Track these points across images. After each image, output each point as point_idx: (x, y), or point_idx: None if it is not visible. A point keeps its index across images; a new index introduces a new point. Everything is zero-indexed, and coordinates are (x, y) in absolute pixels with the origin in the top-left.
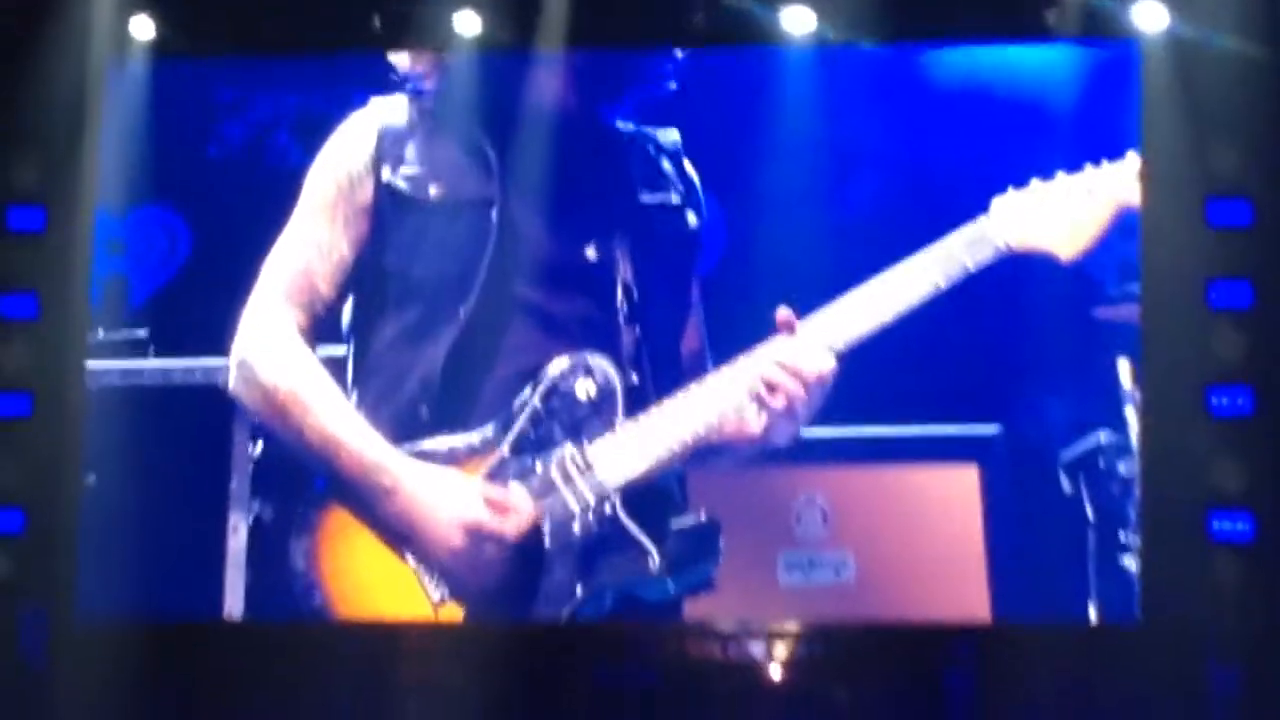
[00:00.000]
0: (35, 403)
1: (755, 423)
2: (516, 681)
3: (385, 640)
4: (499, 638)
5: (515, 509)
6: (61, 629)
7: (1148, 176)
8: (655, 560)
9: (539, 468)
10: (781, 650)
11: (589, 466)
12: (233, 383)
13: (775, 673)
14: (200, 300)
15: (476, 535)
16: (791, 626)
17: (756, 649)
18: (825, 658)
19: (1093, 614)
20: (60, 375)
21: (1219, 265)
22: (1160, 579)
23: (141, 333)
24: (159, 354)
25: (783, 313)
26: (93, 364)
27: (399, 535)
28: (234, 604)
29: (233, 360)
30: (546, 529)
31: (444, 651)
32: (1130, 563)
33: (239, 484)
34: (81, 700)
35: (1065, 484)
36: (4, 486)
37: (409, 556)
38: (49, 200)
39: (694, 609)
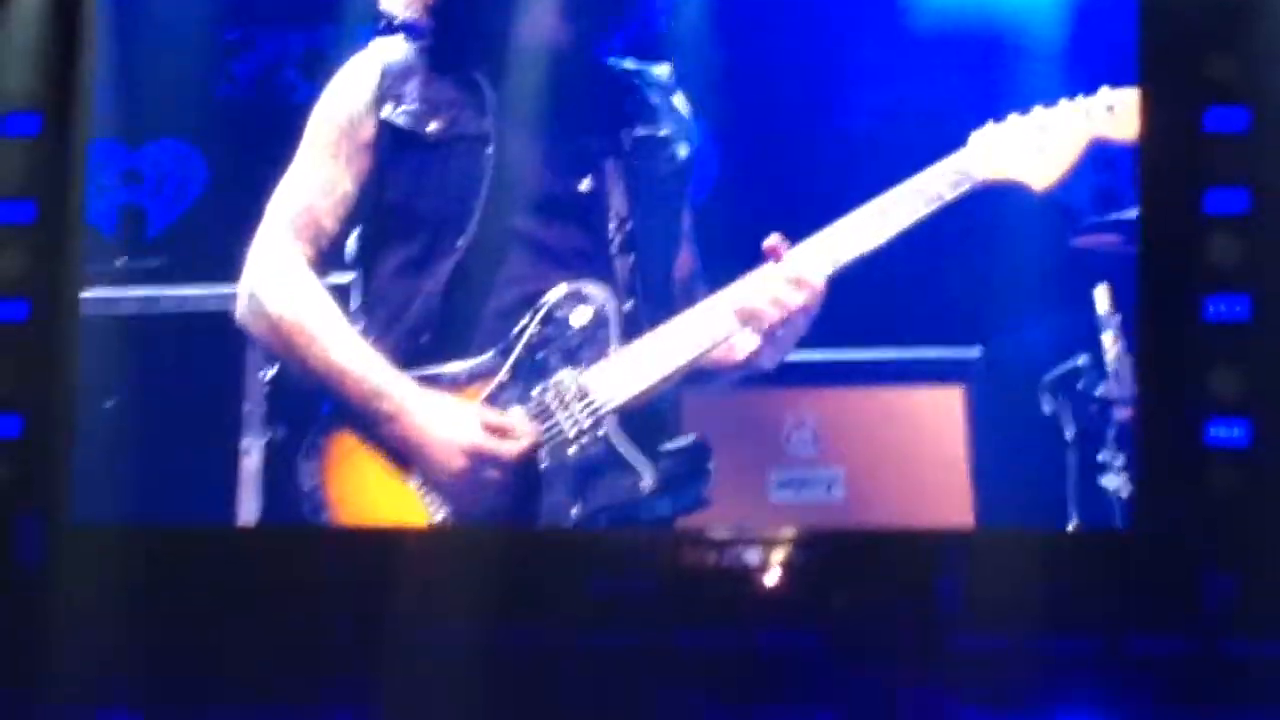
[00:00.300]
0: (32, 309)
1: (744, 347)
2: (512, 589)
3: (381, 547)
4: (495, 545)
5: (513, 433)
6: (58, 534)
7: (1145, 87)
8: (649, 481)
9: (536, 393)
10: (776, 557)
11: (584, 391)
12: (240, 314)
13: (770, 579)
14: (216, 231)
15: (476, 458)
16: (786, 533)
17: (751, 556)
18: (819, 564)
19: (1071, 528)
20: (57, 282)
21: (1215, 173)
22: (1155, 487)
23: (158, 261)
24: (176, 282)
25: (771, 240)
26: (110, 292)
27: (402, 458)
28: (245, 521)
29: (241, 293)
30: (543, 452)
31: (439, 559)
32: (1109, 481)
33: (252, 407)
34: (78, 604)
35: (1046, 404)
36: (0, 391)
37: (411, 479)
38: (46, 109)
39: (687, 526)
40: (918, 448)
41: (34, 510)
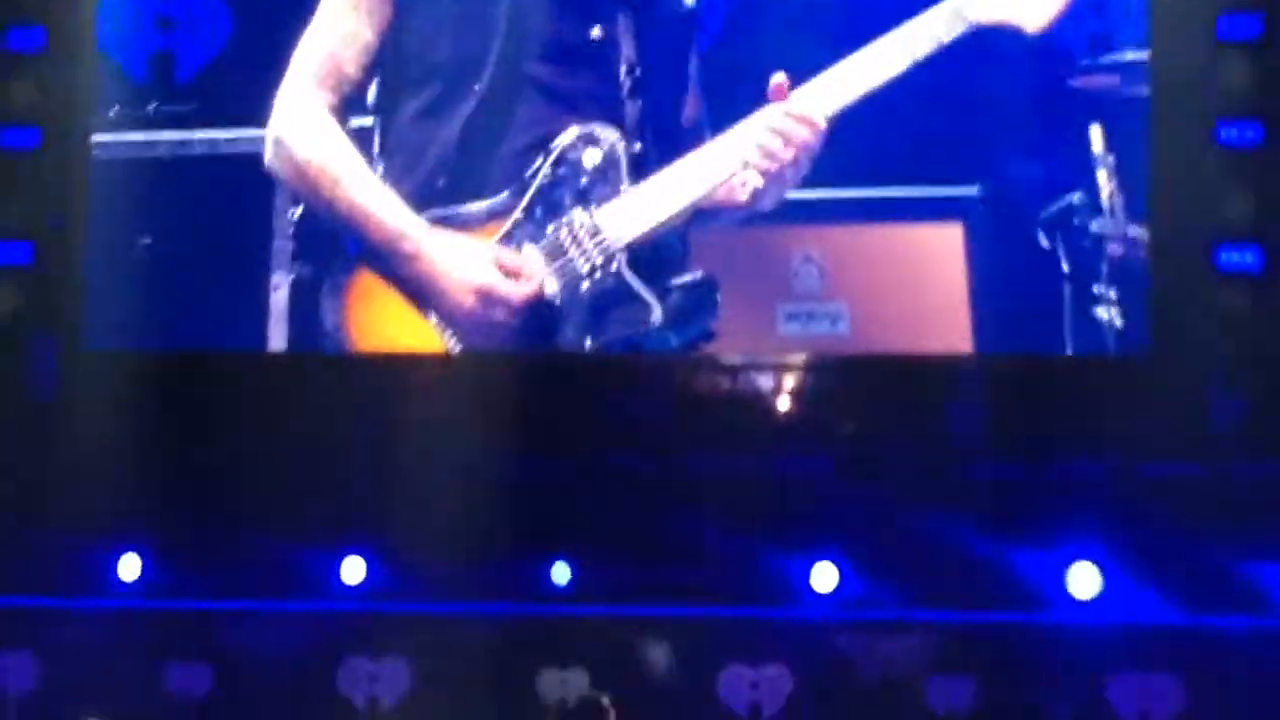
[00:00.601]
0: (44, 136)
1: (749, 186)
2: (526, 415)
3: (399, 373)
4: (510, 372)
5: (527, 273)
6: (70, 360)
7: None
8: (658, 315)
9: (550, 232)
10: (788, 383)
11: (596, 229)
12: (268, 159)
13: (782, 405)
14: (243, 78)
15: (491, 296)
16: (798, 359)
17: (763, 382)
18: (831, 390)
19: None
20: (69, 110)
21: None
22: (1167, 311)
23: (189, 106)
24: (205, 125)
25: (776, 79)
26: (142, 135)
27: (420, 296)
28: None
29: (268, 138)
30: (557, 288)
31: (455, 387)
32: (1102, 312)
33: (280, 246)
34: (89, 429)
35: (1042, 240)
36: (13, 219)
37: (430, 316)
38: None
39: (699, 352)
40: (919, 282)
41: (48, 337)
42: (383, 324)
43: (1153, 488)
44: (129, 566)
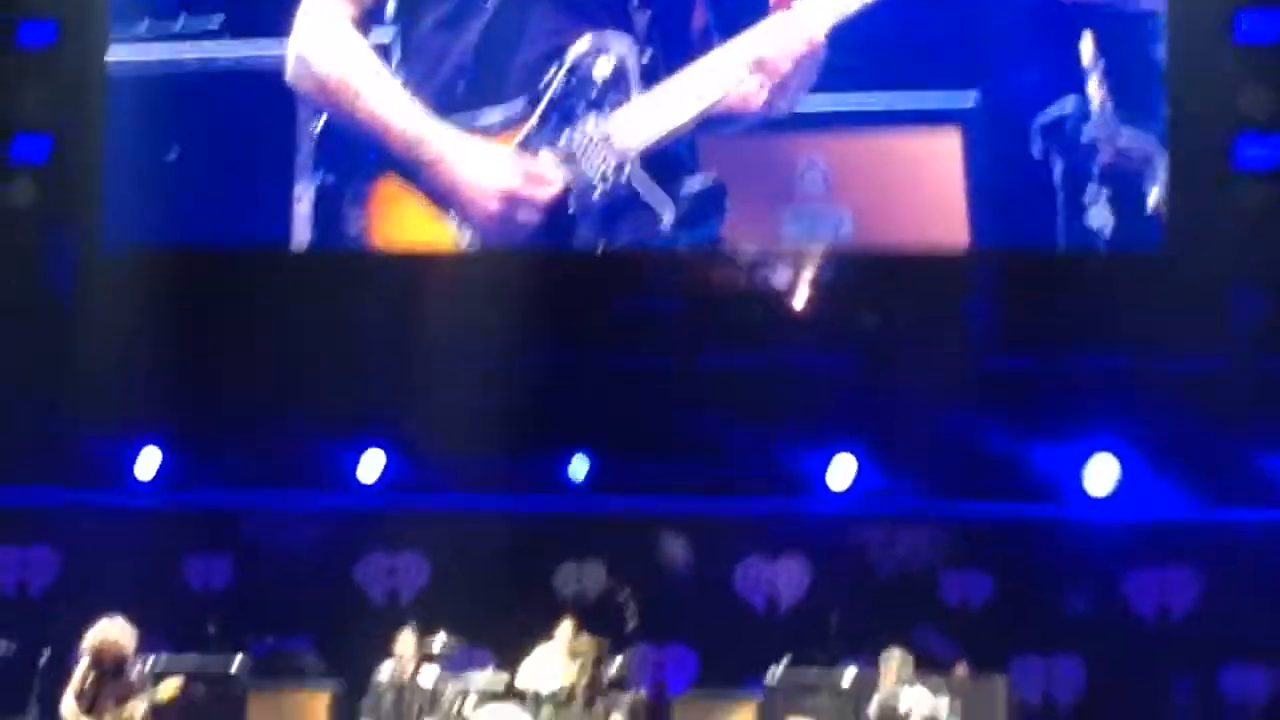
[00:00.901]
0: (61, 31)
1: (756, 93)
2: (542, 308)
3: (423, 268)
4: (525, 268)
5: (543, 178)
6: (88, 256)
7: None
8: (668, 219)
9: (564, 138)
10: (805, 277)
11: (609, 135)
12: (290, 74)
13: (799, 300)
14: None
15: (509, 200)
16: (815, 254)
17: (780, 277)
18: (849, 285)
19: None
20: (87, 5)
21: None
22: (1185, 207)
23: (216, 22)
24: (234, 38)
25: None
26: (170, 50)
27: (442, 201)
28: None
29: (289, 53)
30: (571, 193)
31: (472, 283)
32: (1093, 217)
33: (303, 155)
34: (107, 324)
35: (1035, 147)
36: (31, 114)
37: (451, 220)
38: None
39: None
40: (919, 187)
41: (65, 233)
42: (404, 229)
43: (1171, 382)
44: (149, 462)
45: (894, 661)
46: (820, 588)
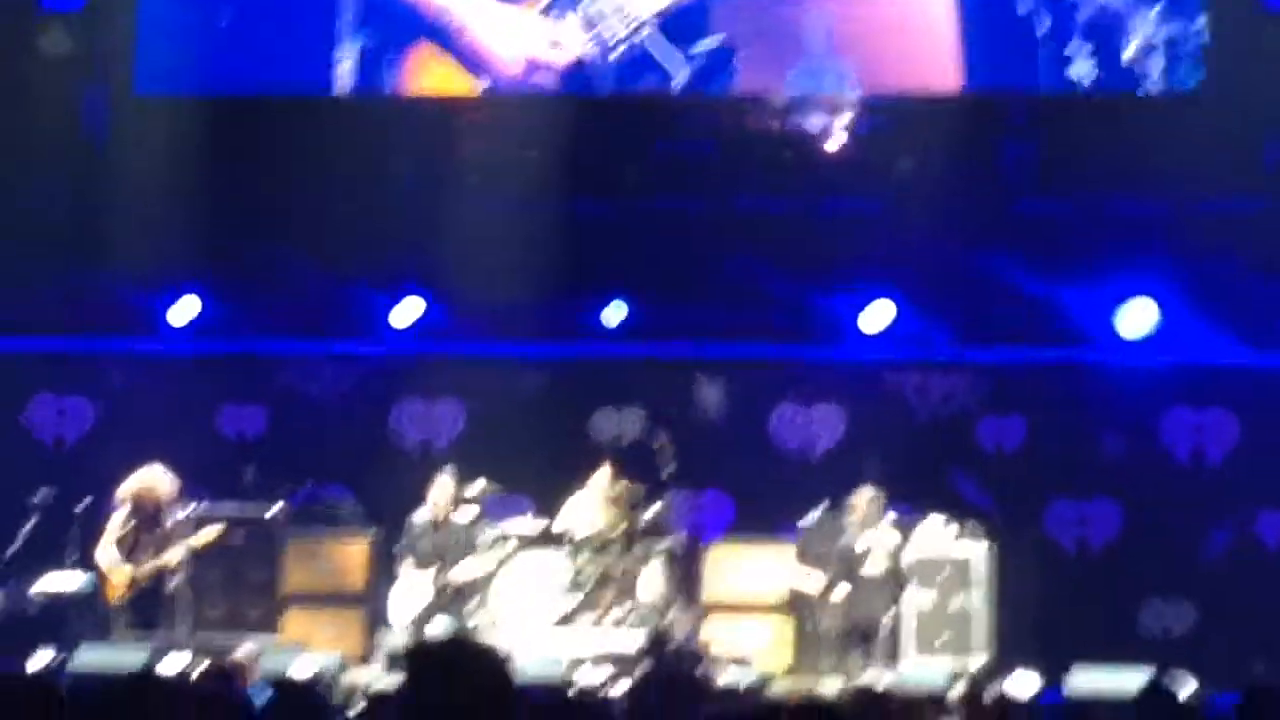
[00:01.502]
0: None
1: None
2: (576, 155)
3: (455, 116)
4: (561, 112)
5: (565, 42)
6: (122, 103)
7: None
8: (681, 77)
9: (585, 4)
10: (840, 122)
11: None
12: None
13: (833, 144)
14: None
15: (533, 66)
16: (850, 98)
17: (815, 121)
18: (884, 129)
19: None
20: None
21: None
22: (1221, 50)
23: None
24: None
25: None
26: None
27: (471, 66)
28: None
29: None
30: (594, 55)
31: (506, 128)
32: (1076, 69)
33: (343, 22)
34: (142, 172)
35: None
36: None
37: (482, 82)
38: None
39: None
40: (917, 46)
41: (100, 81)
42: (438, 92)
43: (1208, 224)
44: (184, 309)
45: (861, 501)
46: (855, 433)
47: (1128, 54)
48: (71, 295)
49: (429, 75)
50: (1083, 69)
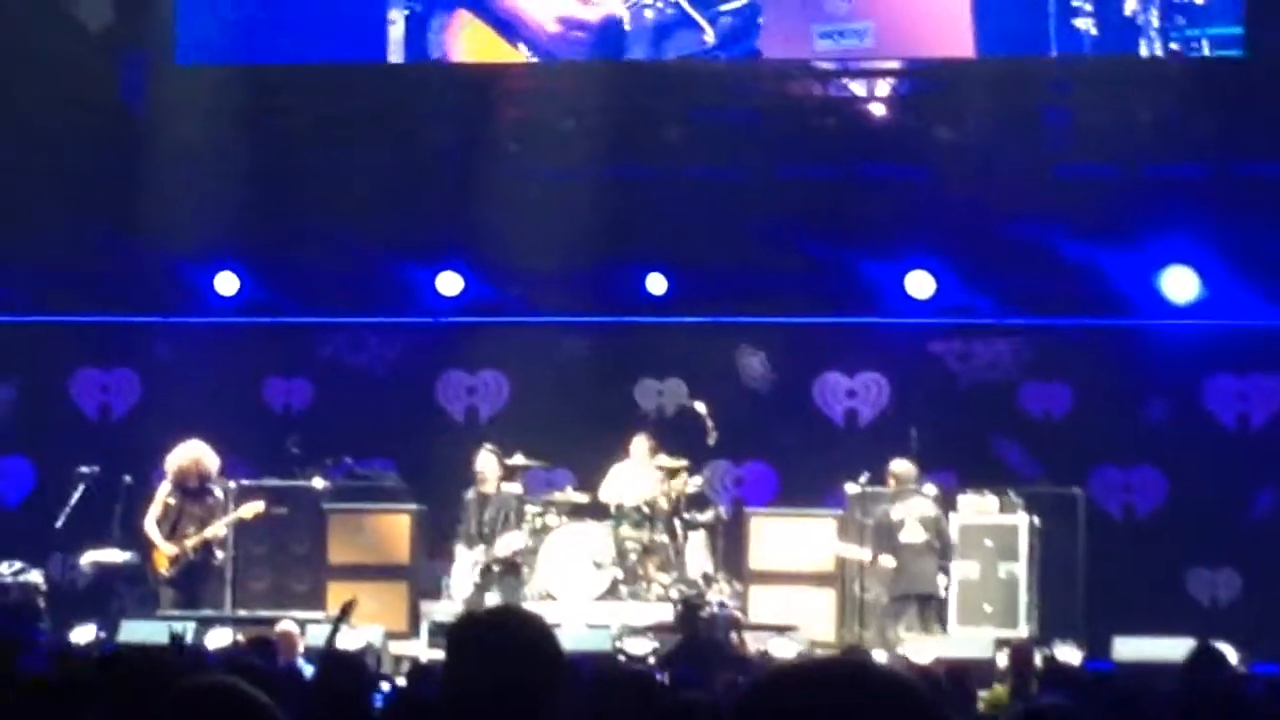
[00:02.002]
0: None
1: None
2: (620, 121)
3: (496, 85)
4: (602, 79)
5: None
6: (162, 74)
7: None
8: (710, 36)
9: None
10: (880, 89)
11: None
12: None
13: (874, 110)
14: None
15: (569, 23)
16: (890, 65)
17: (855, 87)
18: (924, 95)
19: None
20: None
21: None
22: (1263, 14)
23: None
24: None
25: None
26: None
27: (509, 29)
28: None
29: None
30: (627, 15)
31: (546, 95)
32: (1080, 22)
33: None
34: (184, 143)
35: None
36: None
37: (520, 44)
38: None
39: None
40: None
41: (140, 51)
42: (479, 55)
43: (1250, 188)
44: (227, 283)
45: (899, 471)
46: (899, 402)
47: (1155, 17)
48: (117, 268)
49: (469, 42)
50: (1089, 28)
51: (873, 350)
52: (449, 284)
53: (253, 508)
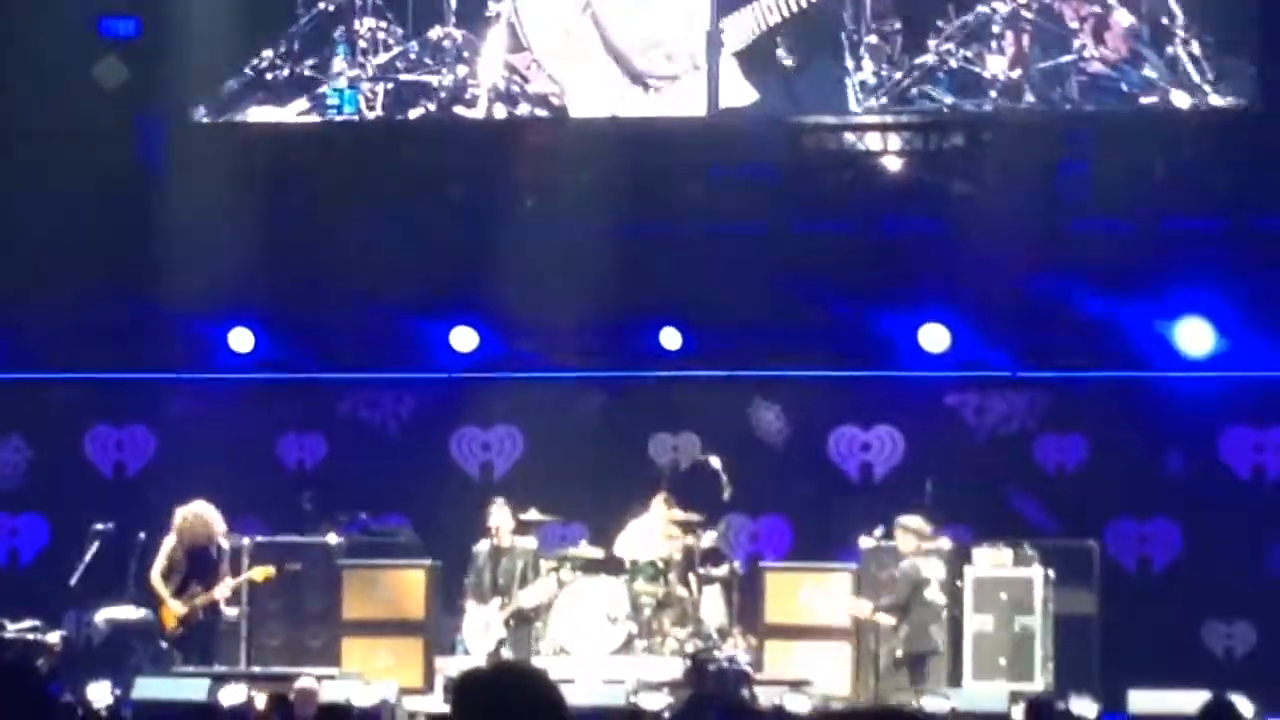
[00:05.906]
0: None
1: None
2: (635, 178)
3: (511, 139)
4: (619, 135)
5: None
6: (179, 133)
7: None
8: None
9: None
10: (896, 144)
11: None
12: None
13: (892, 166)
14: None
15: None
16: (907, 120)
17: (872, 142)
18: (940, 150)
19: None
20: None
21: None
22: (1275, 65)
23: None
24: None
25: None
26: None
27: None
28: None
29: None
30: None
31: (568, 149)
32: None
33: None
34: (199, 201)
35: None
36: None
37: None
38: None
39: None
40: None
41: (156, 110)
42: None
43: (1264, 240)
44: (242, 340)
45: (911, 525)
46: (914, 455)
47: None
48: (132, 326)
49: None
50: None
51: (887, 403)
52: (463, 340)
53: (263, 571)
